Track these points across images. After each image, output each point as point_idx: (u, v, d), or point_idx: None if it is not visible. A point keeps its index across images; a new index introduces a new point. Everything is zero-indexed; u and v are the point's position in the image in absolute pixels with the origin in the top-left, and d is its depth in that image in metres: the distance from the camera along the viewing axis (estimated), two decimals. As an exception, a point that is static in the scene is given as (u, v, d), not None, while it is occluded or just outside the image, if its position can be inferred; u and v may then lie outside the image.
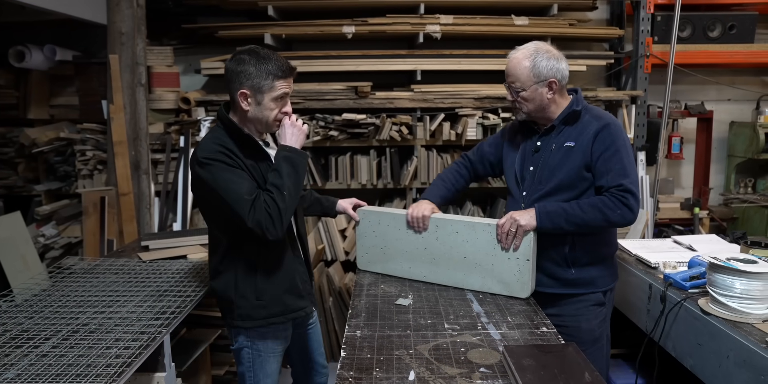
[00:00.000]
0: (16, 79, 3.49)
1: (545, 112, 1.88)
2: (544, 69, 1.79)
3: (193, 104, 3.25)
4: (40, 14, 2.77)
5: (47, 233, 3.26)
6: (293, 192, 1.66)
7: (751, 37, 3.52)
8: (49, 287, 2.07)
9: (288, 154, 1.69)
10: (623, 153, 1.80)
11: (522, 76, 1.81)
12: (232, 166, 1.63)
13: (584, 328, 1.89)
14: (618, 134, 1.82)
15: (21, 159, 3.53)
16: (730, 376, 1.62)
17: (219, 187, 1.60)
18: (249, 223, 1.59)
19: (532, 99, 1.84)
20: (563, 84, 1.86)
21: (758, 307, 1.65)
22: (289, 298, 1.78)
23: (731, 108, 3.87)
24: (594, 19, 3.71)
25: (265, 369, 1.81)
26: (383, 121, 3.17)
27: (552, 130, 1.89)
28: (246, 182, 1.63)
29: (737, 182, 3.84)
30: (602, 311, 1.93)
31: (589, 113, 1.87)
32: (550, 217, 1.78)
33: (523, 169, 1.95)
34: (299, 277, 1.82)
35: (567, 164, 1.84)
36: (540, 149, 1.92)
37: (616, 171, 1.78)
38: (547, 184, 1.87)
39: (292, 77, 1.71)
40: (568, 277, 1.89)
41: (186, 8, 3.40)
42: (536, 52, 1.81)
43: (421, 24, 3.25)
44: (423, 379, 1.36)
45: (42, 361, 1.48)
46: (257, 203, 1.60)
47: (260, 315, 1.75)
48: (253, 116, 1.70)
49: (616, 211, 1.75)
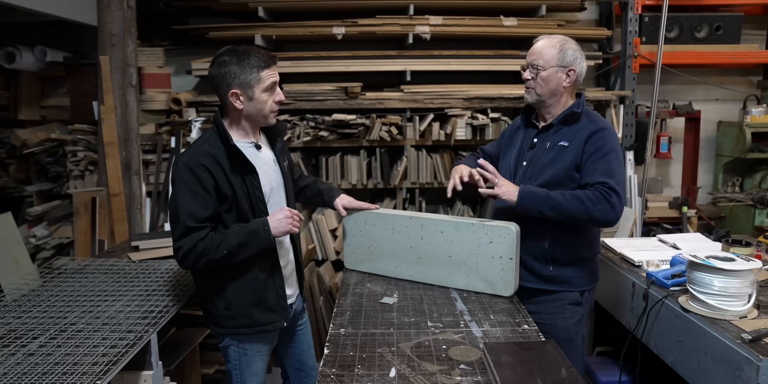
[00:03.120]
0: (6, 81, 3.50)
1: (555, 100, 1.92)
2: (569, 57, 1.87)
3: (184, 105, 3.27)
4: (30, 15, 2.77)
5: (39, 234, 3.27)
6: (231, 257, 1.66)
7: (737, 37, 3.55)
8: (38, 287, 2.09)
9: (261, 232, 1.68)
10: (612, 157, 1.83)
11: (547, 55, 1.88)
12: (203, 188, 1.63)
13: (560, 327, 1.92)
14: (610, 139, 1.85)
15: (12, 160, 3.54)
16: (707, 372, 1.66)
17: (177, 200, 1.64)
18: (174, 243, 1.63)
19: (548, 81, 1.89)
20: (579, 80, 1.92)
21: (736, 304, 1.69)
22: (256, 312, 1.77)
23: (719, 108, 3.91)
24: (583, 19, 3.74)
25: (251, 367, 1.83)
26: (373, 122, 3.19)
27: (550, 128, 1.94)
28: (201, 210, 1.63)
29: (725, 181, 3.87)
30: (579, 311, 1.96)
31: (587, 117, 1.92)
32: (531, 197, 1.81)
33: (517, 163, 2.00)
34: (273, 292, 1.79)
35: (558, 163, 1.87)
36: (535, 146, 1.96)
37: (602, 171, 1.81)
38: (537, 180, 1.90)
39: (275, 65, 1.71)
40: (545, 274, 1.93)
41: (177, 9, 3.41)
42: (565, 41, 1.90)
43: (410, 25, 3.27)
44: (404, 375, 1.39)
45: (29, 360, 1.50)
46: (197, 233, 1.62)
47: (228, 325, 1.77)
48: (248, 113, 1.71)
49: (598, 206, 1.77)
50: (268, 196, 1.78)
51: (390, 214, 2.09)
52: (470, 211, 3.47)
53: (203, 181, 1.63)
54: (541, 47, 1.90)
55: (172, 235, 1.67)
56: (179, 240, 1.63)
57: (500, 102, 3.26)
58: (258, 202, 1.74)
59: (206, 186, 1.63)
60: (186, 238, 1.62)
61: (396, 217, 2.08)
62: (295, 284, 1.94)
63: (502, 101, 3.26)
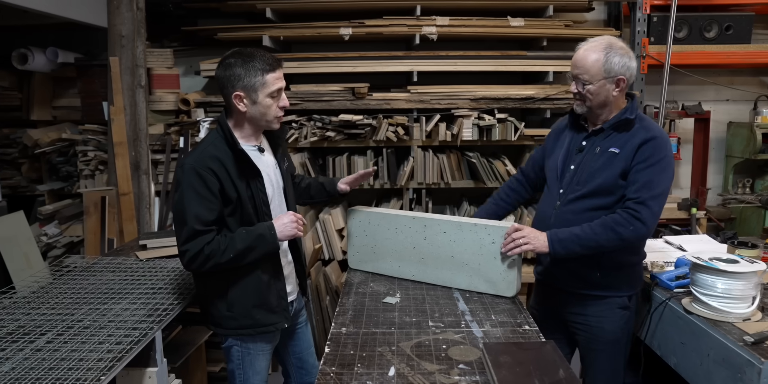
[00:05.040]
0: (19, 81, 3.57)
1: (606, 109, 1.84)
2: (616, 65, 1.75)
3: (193, 105, 3.30)
4: (42, 18, 2.82)
5: (50, 232, 3.32)
6: (237, 260, 1.67)
7: (748, 37, 3.52)
8: (47, 285, 2.12)
9: (267, 236, 1.69)
10: (657, 168, 1.76)
11: (592, 69, 1.76)
12: (209, 191, 1.64)
13: (607, 329, 1.90)
14: (661, 149, 1.77)
15: (24, 159, 3.60)
16: (710, 375, 1.65)
17: (183, 202, 1.64)
18: (181, 246, 1.64)
19: (597, 94, 1.79)
20: (630, 82, 1.83)
21: (739, 307, 1.67)
22: (258, 313, 1.78)
23: (729, 108, 3.88)
24: (591, 20, 3.73)
25: (254, 366, 1.85)
26: (380, 122, 3.20)
27: (600, 133, 1.86)
28: (207, 213, 1.64)
29: (735, 183, 3.84)
30: (626, 314, 1.92)
31: (640, 122, 1.83)
32: (564, 245, 1.77)
33: (564, 166, 1.93)
34: (275, 293, 1.81)
35: (608, 169, 1.81)
36: (584, 149, 1.89)
37: (642, 183, 1.75)
38: (585, 186, 1.84)
39: (280, 69, 1.71)
40: (593, 279, 1.87)
41: (186, 11, 3.45)
42: (610, 47, 1.76)
43: (417, 25, 3.28)
44: (402, 374, 1.40)
45: (36, 356, 1.52)
46: (205, 236, 1.63)
47: (230, 325, 1.79)
48: (251, 116, 1.72)
49: (629, 228, 1.73)
50: (271, 199, 1.80)
51: (393, 214, 2.10)
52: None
53: (210, 185, 1.64)
54: (583, 58, 1.78)
55: (176, 238, 1.68)
56: (186, 243, 1.64)
57: (507, 103, 3.26)
58: (262, 205, 1.75)
59: (213, 189, 1.64)
60: (193, 241, 1.63)
61: (399, 217, 2.09)
62: (294, 283, 1.95)
63: (509, 102, 3.26)
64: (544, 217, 1.96)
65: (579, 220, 1.82)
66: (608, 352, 1.93)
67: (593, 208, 1.83)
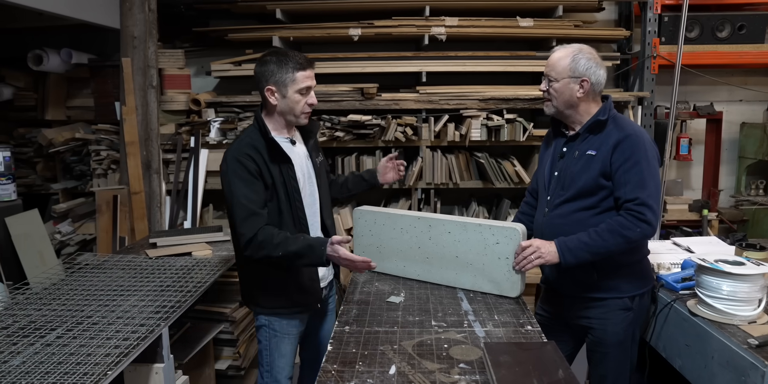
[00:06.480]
0: (34, 82, 3.63)
1: (573, 111, 1.89)
2: (581, 67, 1.83)
3: (204, 106, 3.34)
4: (56, 20, 2.88)
5: (63, 230, 3.38)
6: (285, 260, 1.75)
7: (761, 37, 3.48)
8: (59, 281, 2.16)
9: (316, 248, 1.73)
10: (643, 164, 1.78)
11: (558, 67, 1.86)
12: (251, 174, 1.77)
13: (610, 331, 1.90)
14: (639, 145, 1.80)
15: (39, 159, 3.67)
16: (714, 377, 1.64)
17: (231, 188, 1.77)
18: (239, 228, 1.74)
19: (561, 92, 1.86)
20: (597, 89, 1.87)
21: (744, 309, 1.66)
22: (294, 294, 1.91)
23: (743, 109, 3.83)
24: (601, 20, 3.71)
25: (280, 349, 1.94)
26: (388, 122, 3.22)
27: (577, 137, 1.90)
28: (254, 194, 1.77)
29: (748, 184, 3.79)
30: (629, 316, 1.90)
31: (613, 122, 1.86)
32: (573, 253, 1.79)
33: (550, 173, 1.97)
34: (307, 275, 1.91)
35: (587, 172, 1.84)
36: (565, 155, 1.93)
37: (634, 183, 1.77)
38: (568, 191, 1.88)
39: (311, 69, 1.84)
40: (591, 282, 1.88)
41: (197, 12, 3.49)
42: (580, 50, 1.86)
43: (426, 26, 3.29)
44: (403, 373, 1.41)
45: (46, 350, 1.56)
46: (256, 218, 1.74)
47: (269, 304, 1.92)
48: (281, 109, 1.85)
49: (636, 230, 1.75)
50: (302, 187, 1.90)
51: (399, 214, 2.12)
52: (485, 212, 3.47)
53: (250, 168, 1.77)
54: (554, 58, 1.88)
55: (231, 226, 1.81)
56: (241, 226, 1.74)
57: (516, 103, 3.25)
58: (293, 191, 1.86)
59: (253, 172, 1.78)
60: (246, 223, 1.73)
61: (404, 217, 2.10)
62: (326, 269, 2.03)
63: (517, 102, 3.25)
64: (536, 225, 2.00)
65: (567, 223, 1.86)
66: (613, 355, 1.92)
67: (578, 209, 1.87)
